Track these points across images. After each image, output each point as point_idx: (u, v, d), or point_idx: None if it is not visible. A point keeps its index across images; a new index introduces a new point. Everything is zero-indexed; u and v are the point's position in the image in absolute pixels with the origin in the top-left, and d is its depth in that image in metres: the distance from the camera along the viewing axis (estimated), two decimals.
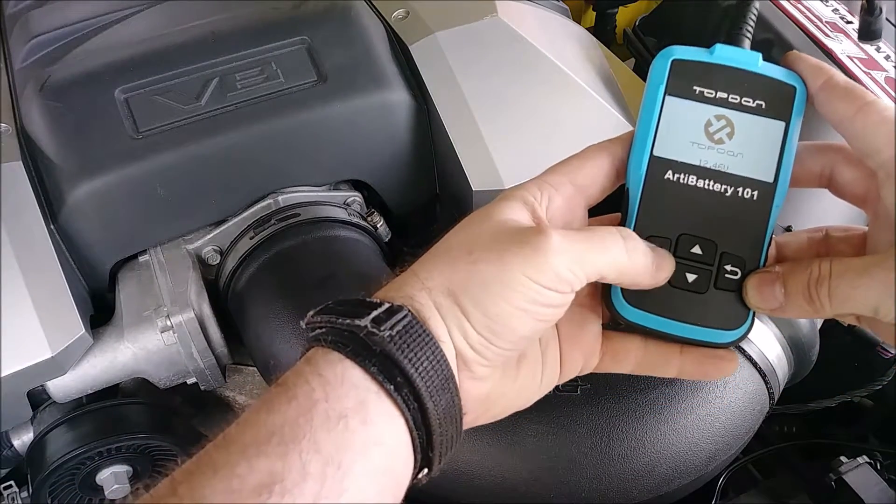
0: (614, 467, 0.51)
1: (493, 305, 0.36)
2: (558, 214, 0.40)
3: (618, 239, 0.38)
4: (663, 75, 0.40)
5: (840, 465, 0.61)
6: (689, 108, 0.40)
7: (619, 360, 0.43)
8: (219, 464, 0.32)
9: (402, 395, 0.34)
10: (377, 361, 0.35)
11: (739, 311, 0.40)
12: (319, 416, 0.33)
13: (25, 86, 0.63)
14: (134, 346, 0.58)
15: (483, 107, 0.62)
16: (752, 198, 0.39)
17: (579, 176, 0.40)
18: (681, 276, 0.40)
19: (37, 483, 0.57)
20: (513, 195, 0.39)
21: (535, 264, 0.35)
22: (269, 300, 0.58)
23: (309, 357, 0.36)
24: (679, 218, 0.40)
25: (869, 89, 0.65)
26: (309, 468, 0.31)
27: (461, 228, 0.39)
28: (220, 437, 0.33)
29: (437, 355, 0.35)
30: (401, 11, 0.69)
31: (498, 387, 0.40)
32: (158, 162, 0.59)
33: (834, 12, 0.73)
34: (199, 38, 0.64)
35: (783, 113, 0.40)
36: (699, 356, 0.42)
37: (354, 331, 0.35)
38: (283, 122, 0.61)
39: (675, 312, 0.40)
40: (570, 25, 0.75)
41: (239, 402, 0.66)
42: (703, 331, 0.40)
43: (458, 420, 0.37)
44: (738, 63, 0.40)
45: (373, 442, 0.34)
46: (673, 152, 0.40)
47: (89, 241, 0.59)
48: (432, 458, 0.36)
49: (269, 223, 0.61)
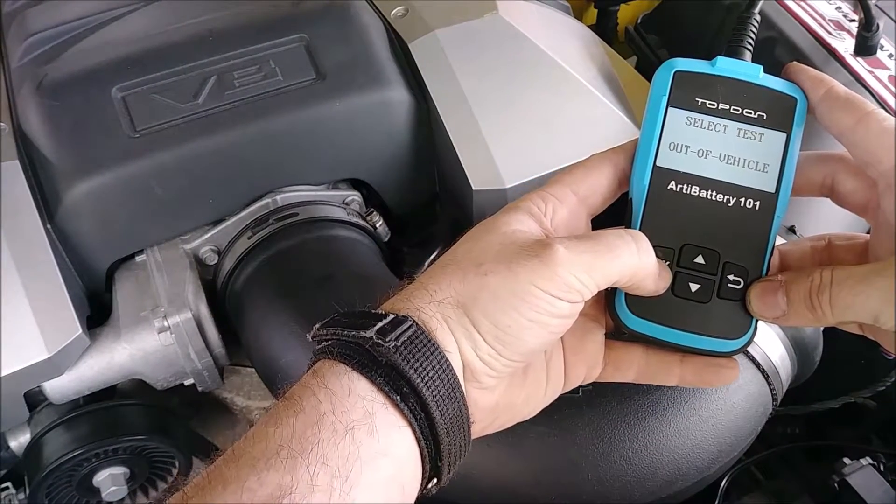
0: (616, 469, 0.50)
1: (504, 317, 0.36)
2: (562, 224, 0.40)
3: (628, 241, 0.38)
4: (666, 87, 0.41)
5: (843, 466, 0.61)
6: (691, 120, 0.40)
7: (621, 369, 0.44)
8: (229, 478, 0.32)
9: (409, 405, 0.35)
10: (383, 372, 0.35)
11: (742, 320, 0.40)
12: (326, 429, 0.33)
13: (22, 84, 0.63)
14: (131, 346, 0.58)
15: (483, 105, 0.62)
16: (754, 208, 0.40)
17: (582, 186, 0.41)
18: (684, 285, 0.40)
19: (34, 484, 0.57)
20: (518, 206, 0.40)
21: (545, 275, 0.36)
22: (268, 300, 0.58)
23: (315, 370, 0.36)
24: (682, 228, 0.40)
25: (872, 88, 0.65)
26: (317, 480, 0.32)
27: (468, 240, 0.39)
28: (230, 451, 0.34)
29: (442, 365, 0.35)
30: (400, 9, 0.69)
31: (505, 396, 0.40)
32: (156, 161, 0.58)
33: (837, 10, 0.72)
34: (196, 36, 0.64)
35: (784, 124, 0.40)
36: (700, 365, 0.42)
37: (360, 342, 0.36)
38: (281, 121, 0.60)
39: (679, 322, 0.40)
40: (571, 23, 0.75)
41: (237, 403, 0.66)
42: (706, 340, 0.40)
43: (465, 429, 0.37)
44: (740, 75, 0.41)
45: (380, 453, 0.34)
46: (676, 163, 0.40)
47: (86, 241, 0.59)
48: (441, 467, 0.36)
49: (268, 223, 0.61)
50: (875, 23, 0.66)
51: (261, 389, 0.66)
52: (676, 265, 0.40)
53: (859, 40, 0.67)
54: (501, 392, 0.39)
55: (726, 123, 0.40)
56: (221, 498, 0.32)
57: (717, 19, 0.75)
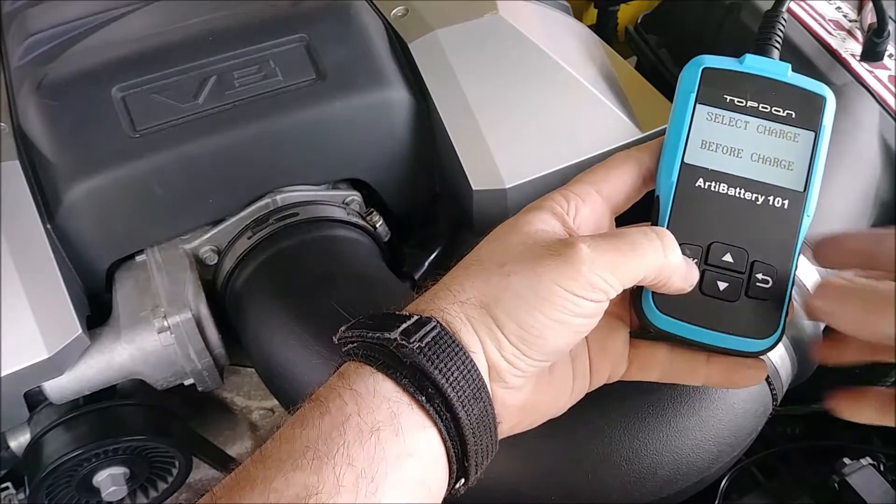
0: (616, 469, 0.50)
1: (528, 317, 0.36)
2: (586, 224, 0.40)
3: (653, 238, 0.38)
4: (694, 83, 0.40)
5: (843, 466, 0.61)
6: (719, 117, 0.40)
7: (646, 368, 0.43)
8: (256, 479, 0.32)
9: (434, 406, 0.35)
10: (408, 373, 0.35)
11: (770, 319, 0.40)
12: (352, 430, 0.33)
13: (22, 84, 0.63)
14: (131, 346, 0.58)
15: (483, 105, 0.62)
16: (782, 206, 0.40)
17: (605, 185, 0.41)
18: (712, 283, 0.40)
19: (34, 485, 0.57)
20: (541, 206, 0.40)
21: (569, 275, 0.36)
22: (267, 300, 0.58)
23: (341, 372, 0.36)
24: (710, 226, 0.40)
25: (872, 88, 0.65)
26: (343, 481, 0.32)
27: (491, 240, 0.39)
28: (258, 452, 0.34)
29: (467, 365, 0.35)
30: (400, 9, 0.69)
31: (533, 396, 0.40)
32: (156, 161, 0.58)
33: (837, 10, 0.72)
34: (196, 35, 0.64)
35: (813, 122, 0.40)
36: (726, 365, 0.42)
37: (384, 344, 0.36)
38: (281, 121, 0.60)
39: (706, 320, 0.40)
40: (571, 23, 0.75)
41: (237, 403, 0.66)
42: (733, 339, 0.40)
43: (492, 429, 0.37)
44: (768, 73, 0.41)
45: (406, 453, 0.34)
46: (704, 160, 0.40)
47: (86, 241, 0.59)
48: (468, 467, 0.36)
49: (268, 223, 0.61)
50: (887, 29, 0.65)
51: (261, 389, 0.66)
52: (704, 263, 0.40)
53: (868, 45, 0.66)
54: (529, 391, 0.39)
55: (755, 121, 0.40)
56: (249, 498, 0.32)
57: (717, 19, 0.75)
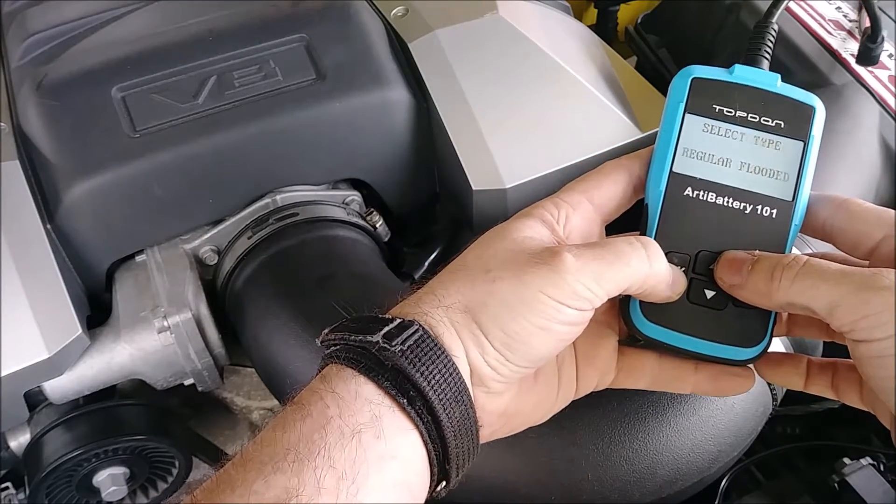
0: (616, 469, 0.50)
1: (512, 323, 0.36)
2: (576, 232, 0.40)
3: (638, 248, 0.38)
4: (683, 93, 0.41)
5: (843, 466, 0.61)
6: (708, 126, 0.40)
7: (634, 376, 0.43)
8: (237, 482, 0.32)
9: (416, 409, 0.35)
10: (390, 376, 0.35)
11: (757, 328, 0.40)
12: (334, 432, 0.33)
13: (22, 84, 0.63)
14: (131, 346, 0.58)
15: (483, 105, 0.62)
16: (771, 216, 0.40)
17: (596, 193, 0.41)
18: (699, 292, 0.40)
19: (34, 485, 0.57)
20: (530, 213, 0.40)
21: (554, 282, 0.36)
22: (267, 300, 0.58)
23: (323, 374, 0.36)
24: (698, 234, 0.40)
25: (872, 88, 0.65)
26: (323, 483, 0.32)
27: (479, 246, 0.39)
28: (238, 455, 0.34)
29: (449, 368, 0.36)
30: (400, 9, 0.69)
31: (515, 401, 0.40)
32: (155, 161, 0.58)
33: (837, 10, 0.72)
34: (196, 35, 0.64)
35: (802, 132, 0.40)
36: (715, 373, 0.42)
37: (367, 346, 0.36)
38: (281, 121, 0.60)
39: (694, 329, 0.40)
40: (571, 23, 0.75)
41: (237, 403, 0.66)
42: (720, 347, 0.40)
43: (474, 432, 0.37)
44: (758, 83, 0.41)
45: (387, 456, 0.34)
46: (692, 169, 0.40)
47: (86, 241, 0.59)
48: (449, 470, 0.37)
49: (268, 223, 0.61)
50: (881, 35, 0.66)
51: (261, 389, 0.66)
52: (692, 271, 0.40)
53: (863, 49, 0.67)
54: (511, 397, 0.39)
55: (744, 131, 0.40)
56: (230, 500, 0.32)
57: (717, 19, 0.75)
